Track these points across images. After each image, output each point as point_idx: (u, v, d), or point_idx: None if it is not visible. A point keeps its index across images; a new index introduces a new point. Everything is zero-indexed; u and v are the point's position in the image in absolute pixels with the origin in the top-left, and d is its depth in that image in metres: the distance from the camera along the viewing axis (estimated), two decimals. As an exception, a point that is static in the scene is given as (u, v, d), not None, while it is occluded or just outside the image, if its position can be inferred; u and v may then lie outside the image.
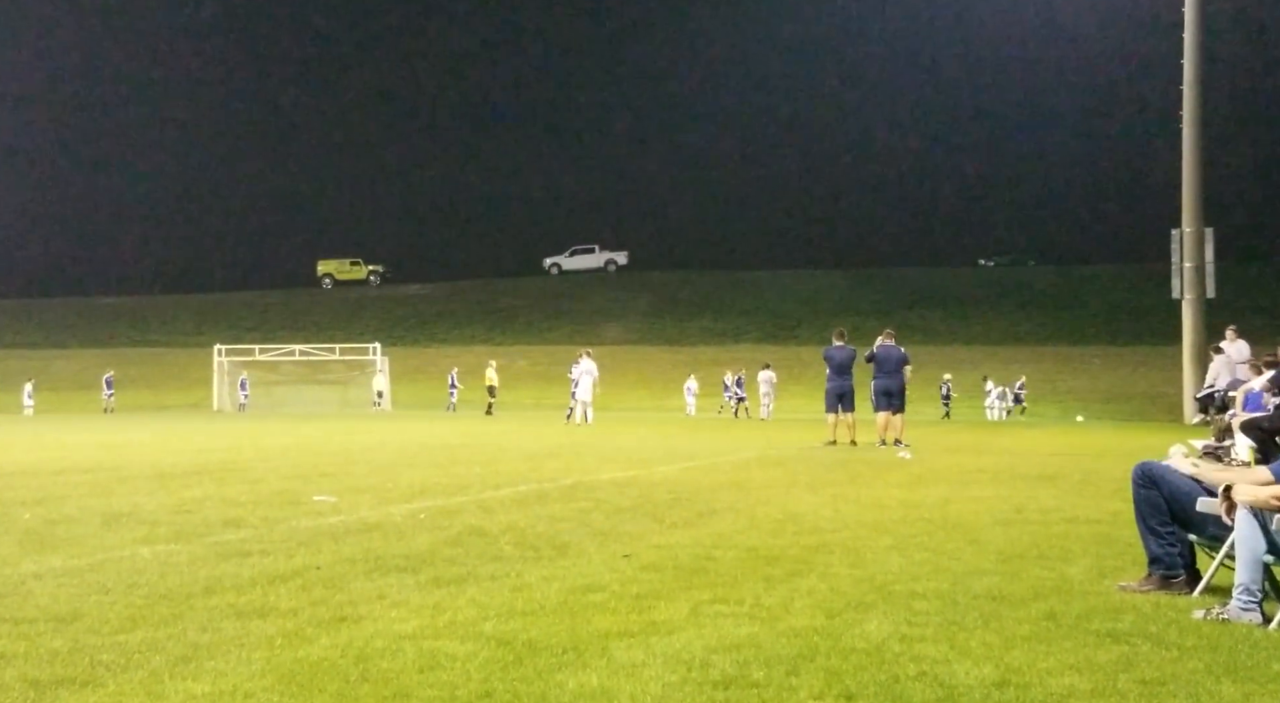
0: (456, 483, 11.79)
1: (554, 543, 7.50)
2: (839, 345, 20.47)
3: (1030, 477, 13.24)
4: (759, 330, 67.76)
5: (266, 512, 9.11)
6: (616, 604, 5.47)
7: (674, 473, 13.55)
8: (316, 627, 4.98)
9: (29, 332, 72.87)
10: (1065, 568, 6.63)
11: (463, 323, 72.60)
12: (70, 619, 5.08)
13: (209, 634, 4.83)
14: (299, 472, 13.31)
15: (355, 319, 72.85)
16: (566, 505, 9.73)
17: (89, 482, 11.84)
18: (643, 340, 66.86)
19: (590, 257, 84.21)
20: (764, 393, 39.23)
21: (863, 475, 13.41)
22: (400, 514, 9.01)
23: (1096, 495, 10.86)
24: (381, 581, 6.09)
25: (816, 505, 9.96)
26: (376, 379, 50.90)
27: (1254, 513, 5.20)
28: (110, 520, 8.50)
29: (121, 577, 6.13)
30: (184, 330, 72.52)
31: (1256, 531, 5.18)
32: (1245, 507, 5.21)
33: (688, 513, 9.29)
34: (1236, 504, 5.26)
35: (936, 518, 9.02)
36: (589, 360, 30.99)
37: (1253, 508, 5.20)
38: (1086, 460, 16.52)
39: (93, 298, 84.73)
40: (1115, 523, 8.44)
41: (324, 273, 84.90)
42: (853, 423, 19.99)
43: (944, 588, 5.95)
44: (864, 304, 68.67)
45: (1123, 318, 65.18)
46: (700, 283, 79.29)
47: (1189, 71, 33.18)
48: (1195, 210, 33.36)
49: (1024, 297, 71.92)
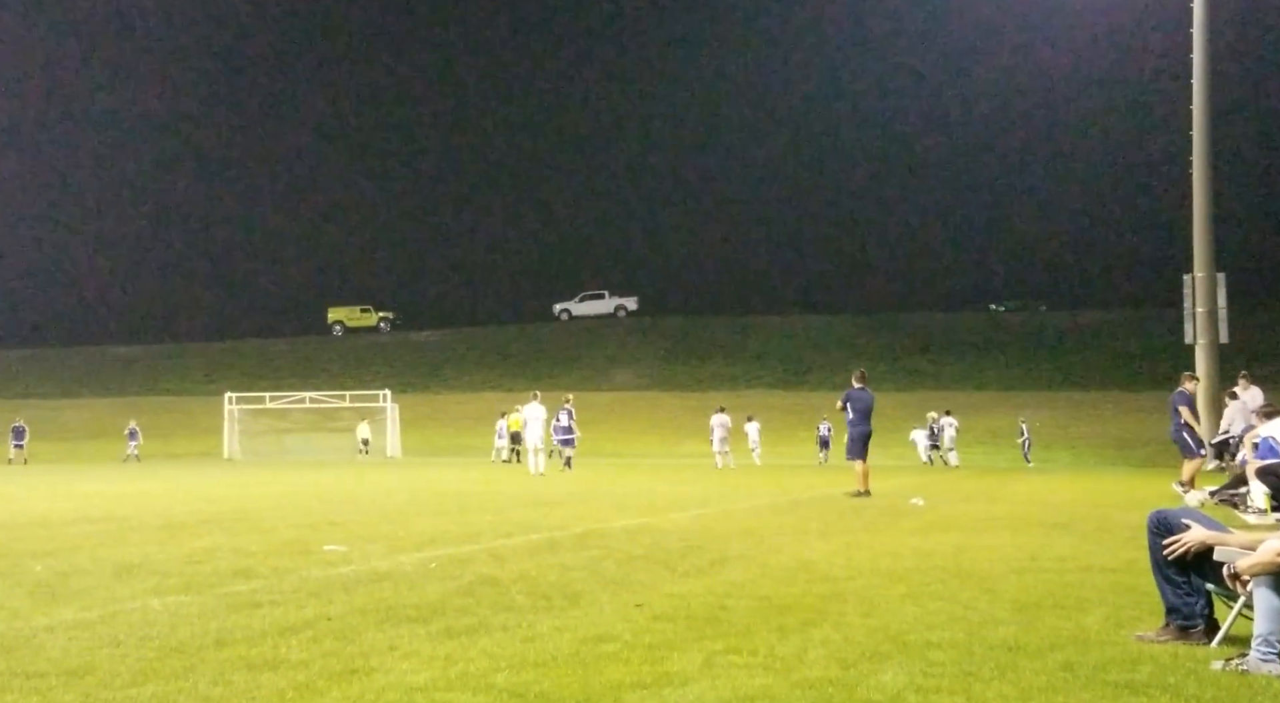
0: (467, 531, 11.76)
1: (566, 592, 7.47)
2: (860, 388, 19.59)
3: (1044, 524, 13.15)
4: (770, 375, 67.73)
5: (277, 562, 9.09)
6: (629, 655, 5.44)
7: (685, 520, 13.49)
8: (328, 679, 4.95)
9: (42, 381, 73.15)
10: (1081, 618, 6.57)
11: (473, 369, 72.73)
12: (82, 673, 5.05)
13: (220, 688, 4.81)
14: (309, 520, 13.28)
15: (366, 366, 73.05)
16: (578, 554, 9.69)
17: (100, 532, 11.83)
18: (653, 386, 66.89)
19: (600, 302, 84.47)
20: (754, 441, 41.01)
21: (875, 523, 13.33)
22: (411, 563, 8.98)
23: (1111, 543, 10.78)
24: (393, 631, 6.06)
25: (829, 553, 9.90)
26: (361, 427, 50.74)
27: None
28: (121, 572, 8.48)
29: (133, 629, 6.11)
30: (195, 379, 72.76)
31: (1275, 581, 5.13)
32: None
33: (700, 561, 9.24)
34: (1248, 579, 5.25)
35: (950, 566, 8.95)
36: (537, 404, 29.31)
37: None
38: (1100, 508, 16.41)
39: (105, 347, 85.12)
40: (1131, 572, 8.37)
41: (334, 320, 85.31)
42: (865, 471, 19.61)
43: (959, 638, 5.90)
44: (875, 349, 68.67)
45: (1135, 363, 65.03)
46: (711, 328, 79.40)
47: (1198, 115, 33.31)
48: (1207, 255, 33.36)
49: (1035, 342, 71.86)
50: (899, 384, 60.44)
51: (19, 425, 46.17)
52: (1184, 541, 5.66)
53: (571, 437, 30.56)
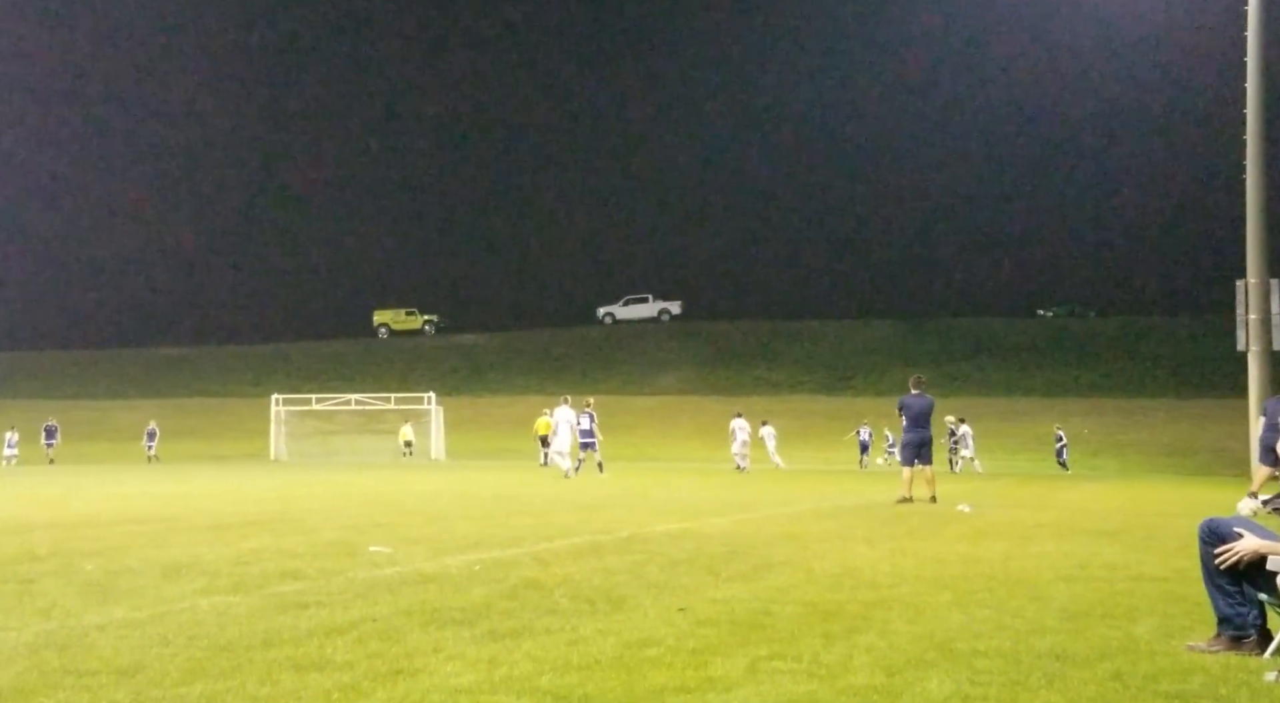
0: (511, 535, 11.80)
1: (609, 596, 7.47)
2: (916, 394, 19.56)
3: (1093, 532, 13.00)
4: (814, 381, 67.45)
5: (323, 563, 9.16)
6: (672, 660, 5.43)
7: (728, 525, 13.46)
8: (373, 681, 4.99)
9: (94, 383, 74.30)
10: (1131, 627, 6.48)
11: (516, 373, 72.99)
12: (132, 672, 5.12)
13: (267, 688, 4.85)
14: (354, 522, 13.39)
15: (410, 369, 73.51)
16: (621, 558, 9.70)
17: (149, 532, 11.99)
18: (696, 390, 66.79)
19: (644, 306, 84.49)
20: (771, 448, 41.07)
21: (921, 529, 13.23)
22: (456, 566, 9.02)
23: (1162, 552, 10.63)
24: (438, 633, 6.09)
25: (874, 560, 9.84)
26: (404, 429, 51.00)
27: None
28: (170, 572, 8.59)
29: (182, 629, 6.18)
30: (242, 381, 73.54)
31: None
32: None
33: (743, 566, 9.22)
34: None
35: (998, 574, 8.87)
36: (567, 409, 29.44)
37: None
38: (1150, 516, 16.19)
39: (153, 349, 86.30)
40: (1182, 581, 8.25)
41: (380, 323, 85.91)
42: (931, 477, 19.14)
43: (1006, 646, 5.84)
44: (920, 355, 68.17)
45: (1186, 370, 64.11)
46: (754, 332, 79.18)
47: (1252, 118, 32.81)
48: (1260, 261, 32.82)
49: (1084, 348, 71.03)
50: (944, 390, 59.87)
51: (51, 425, 46.98)
52: (1236, 550, 5.58)
53: (593, 439, 30.66)
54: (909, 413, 19.44)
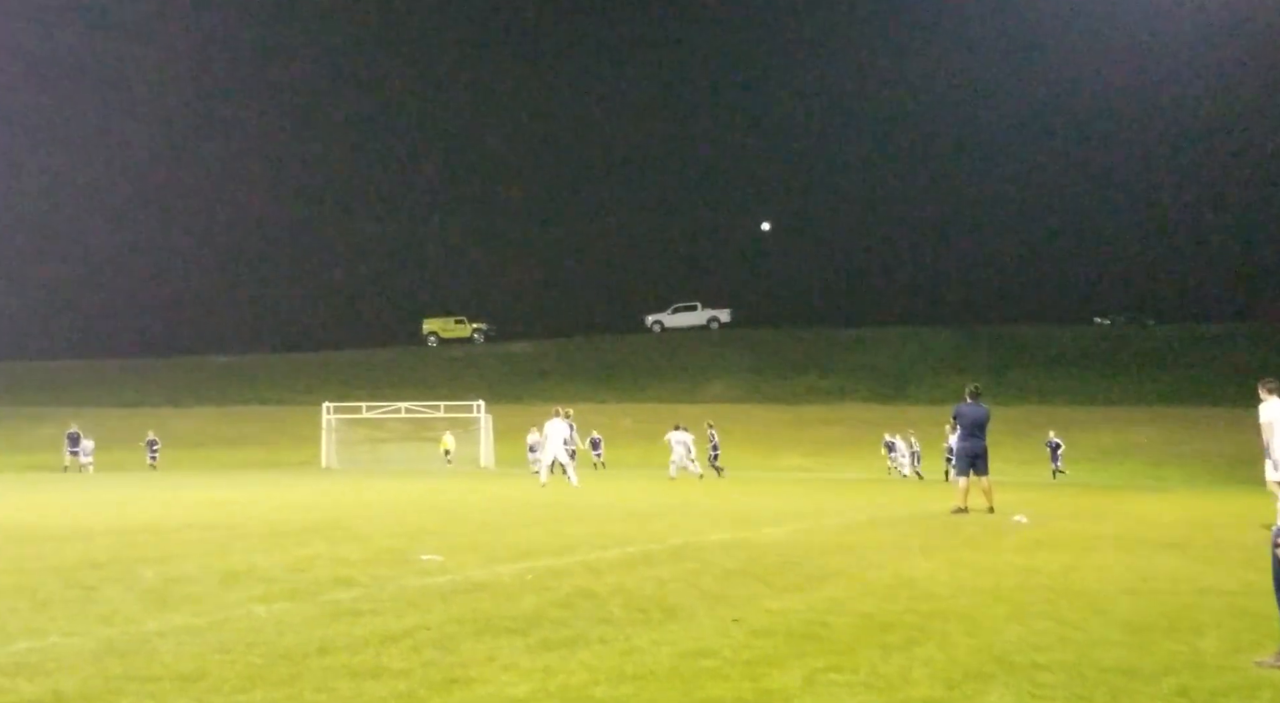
0: (563, 543, 11.79)
1: (663, 606, 7.43)
2: (971, 403, 19.36)
3: (1155, 544, 12.76)
4: (865, 389, 66.91)
5: (376, 570, 9.21)
6: (728, 671, 5.38)
7: (782, 535, 13.37)
8: (429, 689, 4.99)
9: (151, 391, 75.46)
10: (1197, 641, 6.34)
11: (565, 380, 73.08)
12: (194, 678, 5.17)
13: (324, 695, 4.87)
14: (405, 530, 13.45)
15: (460, 377, 73.85)
16: (674, 567, 9.65)
17: (207, 539, 12.13)
18: (746, 399, 66.50)
19: (693, 314, 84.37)
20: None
21: (978, 540, 13.07)
22: (508, 574, 9.02)
23: (1228, 564, 10.41)
24: (491, 642, 6.09)
25: (931, 571, 9.72)
26: (445, 437, 51.05)
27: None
28: (228, 579, 8.67)
29: (240, 635, 6.23)
30: (294, 389, 74.25)
31: None
32: None
33: (798, 577, 9.14)
34: None
35: (1057, 586, 8.73)
36: (560, 420, 29.19)
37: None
38: (1215, 528, 15.89)
39: (206, 357, 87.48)
40: (1249, 594, 8.07)
41: (429, 331, 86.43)
42: (988, 487, 18.84)
43: (1069, 660, 5.74)
44: (974, 363, 67.45)
45: (1251, 378, 62.81)
46: (805, 340, 78.76)
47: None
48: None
49: (1143, 356, 69.91)
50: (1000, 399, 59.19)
51: (73, 432, 46.76)
52: None
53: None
54: (964, 422, 19.25)
